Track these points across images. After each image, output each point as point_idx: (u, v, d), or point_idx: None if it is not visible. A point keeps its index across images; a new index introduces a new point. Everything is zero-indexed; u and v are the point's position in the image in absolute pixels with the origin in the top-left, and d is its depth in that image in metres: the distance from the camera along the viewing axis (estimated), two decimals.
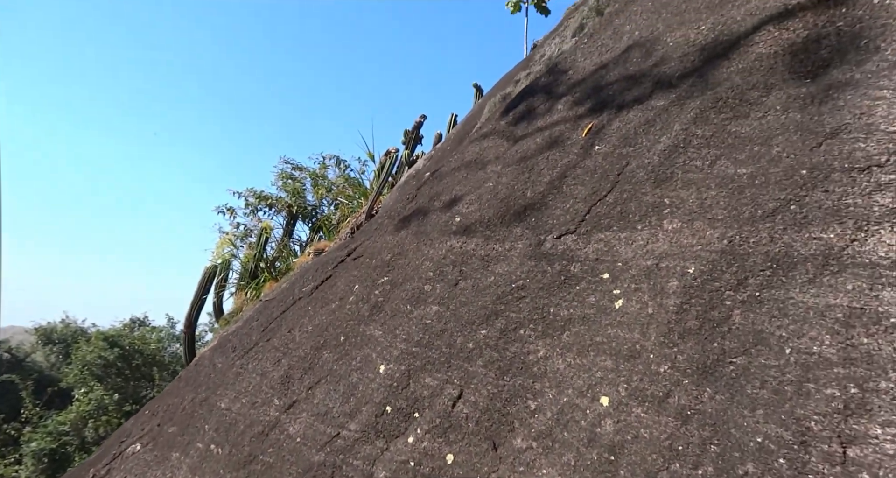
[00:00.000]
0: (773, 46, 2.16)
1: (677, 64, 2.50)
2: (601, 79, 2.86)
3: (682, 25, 2.63)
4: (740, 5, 2.41)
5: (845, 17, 2.02)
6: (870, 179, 1.60)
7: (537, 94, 3.23)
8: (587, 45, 3.22)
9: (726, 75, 2.24)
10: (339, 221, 8.69)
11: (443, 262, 2.74)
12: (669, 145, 2.24)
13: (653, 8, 2.93)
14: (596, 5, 6.62)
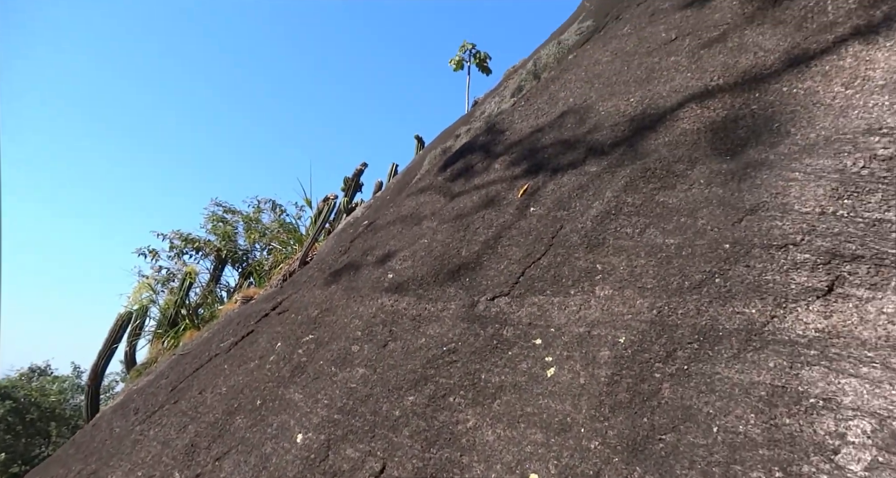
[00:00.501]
0: (696, 123, 2.27)
1: (609, 132, 2.58)
2: (537, 141, 2.92)
3: (613, 96, 2.75)
4: (665, 82, 2.55)
5: (759, 100, 2.16)
6: (787, 256, 1.65)
7: (476, 151, 3.26)
8: (524, 107, 3.31)
9: (654, 147, 2.33)
10: (272, 268, 8.35)
11: (373, 321, 2.61)
12: (602, 211, 2.26)
13: (586, 77, 3.06)
14: (534, 70, 6.94)
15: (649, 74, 2.67)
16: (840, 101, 1.89)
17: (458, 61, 8.88)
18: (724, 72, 2.34)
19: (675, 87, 2.48)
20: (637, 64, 2.79)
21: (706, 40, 2.53)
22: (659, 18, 2.96)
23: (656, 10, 3.07)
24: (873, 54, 1.92)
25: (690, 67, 2.49)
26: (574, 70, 3.26)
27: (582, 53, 3.44)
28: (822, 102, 1.95)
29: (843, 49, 2.03)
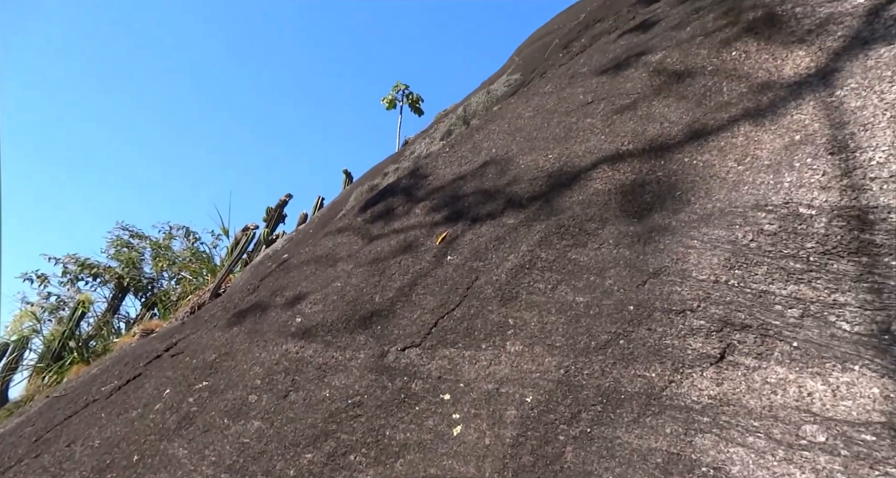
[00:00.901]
0: (607, 184, 2.36)
1: (527, 186, 2.64)
2: (459, 189, 2.93)
3: (533, 151, 2.83)
4: (581, 142, 2.66)
5: (664, 168, 2.29)
6: (684, 322, 1.71)
7: (398, 194, 3.22)
8: (449, 154, 3.34)
9: (569, 204, 2.39)
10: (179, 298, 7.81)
11: (275, 368, 2.44)
12: (516, 265, 2.28)
13: (509, 130, 3.15)
14: (463, 115, 7.11)
15: (567, 133, 2.77)
16: (733, 175, 2.04)
17: (391, 100, 9.00)
18: (634, 138, 2.47)
19: (590, 148, 2.59)
20: (556, 122, 2.90)
21: (619, 106, 2.68)
22: (578, 81, 3.12)
23: (576, 74, 3.24)
24: (761, 135, 2.10)
25: (604, 131, 2.62)
26: (498, 122, 3.34)
27: (507, 106, 3.55)
28: (717, 175, 2.10)
29: (736, 128, 2.20)
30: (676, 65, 2.64)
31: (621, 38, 3.29)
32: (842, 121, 1.90)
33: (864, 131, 1.81)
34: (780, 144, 2.03)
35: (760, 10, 2.56)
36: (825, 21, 2.28)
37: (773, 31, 2.44)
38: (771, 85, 2.26)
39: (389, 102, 8.89)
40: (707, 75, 2.49)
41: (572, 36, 6.74)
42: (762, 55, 2.39)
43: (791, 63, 2.27)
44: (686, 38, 2.76)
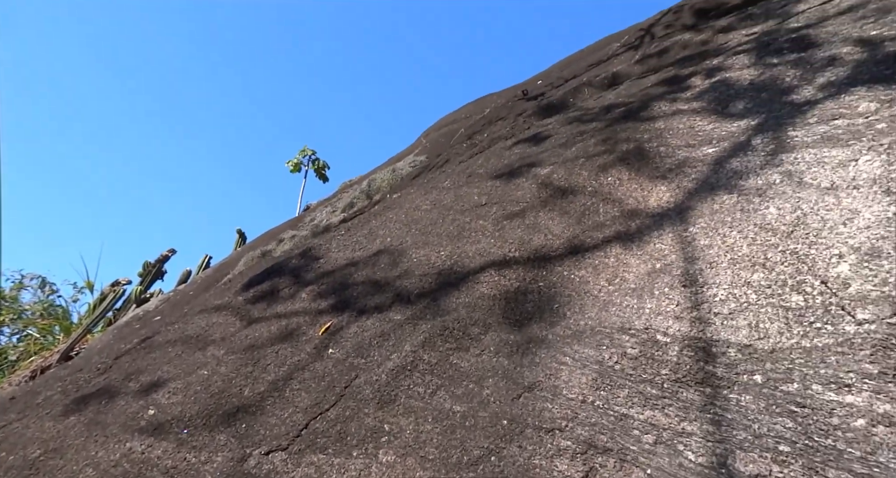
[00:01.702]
0: (493, 289, 2.45)
1: (417, 282, 2.66)
2: (350, 276, 2.89)
3: (427, 245, 2.89)
4: (473, 242, 2.76)
5: (545, 279, 2.42)
6: (553, 441, 1.75)
7: (286, 274, 3.10)
8: (344, 237, 3.31)
9: (455, 305, 2.43)
10: (20, 359, 6.76)
11: (112, 471, 2.12)
12: (398, 365, 2.23)
13: (406, 220, 3.21)
14: (367, 190, 7.18)
15: (460, 232, 2.88)
16: (604, 295, 2.20)
17: (296, 164, 8.91)
18: (521, 245, 2.61)
19: (480, 249, 2.69)
20: (451, 219, 3.01)
21: (509, 212, 2.85)
22: (475, 181, 3.29)
23: (473, 173, 3.42)
24: (629, 259, 2.31)
25: (494, 234, 2.75)
26: (396, 210, 3.40)
27: (406, 195, 3.64)
28: (591, 293, 2.26)
29: (609, 248, 2.41)
30: (562, 181, 2.89)
31: (516, 146, 3.57)
32: (694, 256, 2.15)
33: (710, 268, 2.06)
34: (644, 270, 2.24)
35: (633, 143, 2.92)
36: (682, 163, 2.64)
37: (642, 163, 2.77)
38: (639, 213, 2.53)
39: (294, 166, 8.79)
40: (587, 195, 2.74)
41: (476, 128, 7.20)
42: (632, 184, 2.69)
43: (655, 195, 2.57)
44: (571, 157, 3.05)
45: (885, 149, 2.06)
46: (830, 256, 1.84)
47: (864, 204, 1.93)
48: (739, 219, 2.19)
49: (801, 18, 3.35)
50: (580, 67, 7.37)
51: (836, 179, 2.09)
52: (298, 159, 9.01)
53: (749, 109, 2.76)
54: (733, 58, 3.30)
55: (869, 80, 2.45)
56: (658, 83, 3.52)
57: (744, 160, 2.46)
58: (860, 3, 3.08)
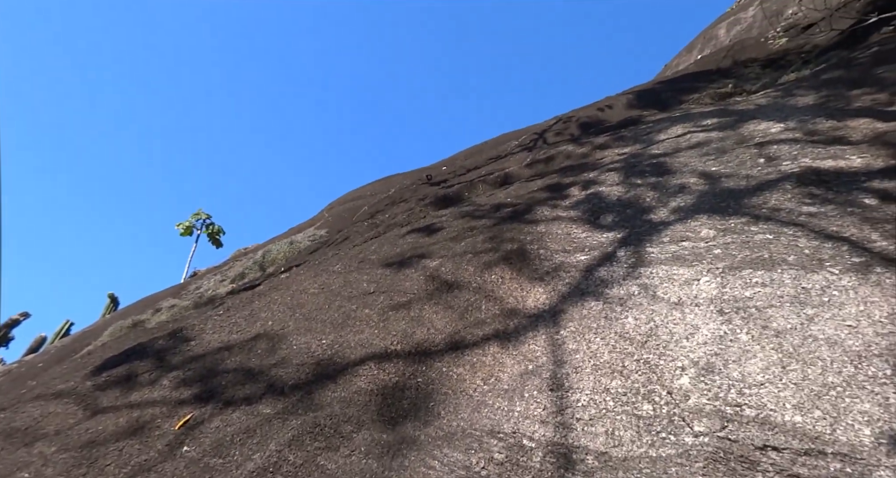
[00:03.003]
0: (371, 383, 2.40)
1: (294, 372, 2.54)
2: (221, 362, 2.70)
3: (309, 332, 2.80)
4: (356, 332, 2.72)
5: (424, 374, 2.42)
6: None
7: (149, 357, 2.83)
8: (222, 317, 3.13)
9: (330, 400, 2.34)
10: None
11: None
12: (260, 467, 2.07)
13: (291, 304, 3.11)
14: (261, 261, 6.92)
15: (345, 320, 2.83)
16: (478, 395, 2.24)
17: (188, 227, 8.38)
18: (403, 338, 2.62)
19: (363, 340, 2.66)
20: (338, 306, 2.97)
21: (396, 303, 2.87)
22: (365, 268, 3.31)
23: (365, 259, 3.45)
24: (505, 359, 2.39)
25: (379, 325, 2.74)
26: (283, 291, 3.30)
27: (295, 276, 3.56)
28: (466, 392, 2.28)
29: (487, 346, 2.49)
30: (449, 275, 2.99)
31: (410, 234, 3.67)
32: (562, 359, 2.28)
33: (576, 373, 2.18)
34: (517, 371, 2.32)
35: (516, 244, 3.12)
36: (559, 267, 2.85)
37: (523, 264, 2.95)
38: (517, 312, 2.66)
39: (186, 229, 8.23)
40: (471, 291, 2.85)
41: (380, 207, 7.34)
42: (514, 284, 2.84)
43: (533, 296, 2.73)
44: (460, 252, 3.18)
45: (720, 272, 2.38)
46: (675, 368, 2.03)
47: (703, 321, 2.18)
48: (603, 326, 2.37)
49: (660, 146, 3.89)
50: (481, 159, 7.90)
51: (682, 296, 2.36)
52: (191, 222, 8.44)
53: (616, 223, 3.09)
54: (606, 173, 3.72)
55: (709, 209, 2.86)
56: (543, 188, 3.85)
57: (610, 270, 2.70)
58: (705, 142, 3.66)
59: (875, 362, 1.73)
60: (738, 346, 2.00)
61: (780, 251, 2.36)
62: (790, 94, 4.24)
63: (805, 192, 2.68)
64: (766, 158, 3.14)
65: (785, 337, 1.96)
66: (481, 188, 4.57)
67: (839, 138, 3.05)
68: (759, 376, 1.85)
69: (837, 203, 2.52)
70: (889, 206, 2.39)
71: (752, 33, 11.89)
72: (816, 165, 2.85)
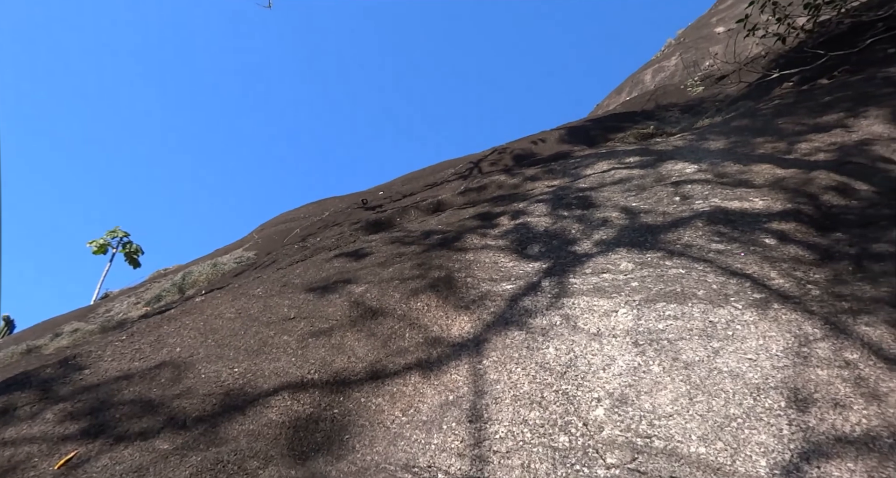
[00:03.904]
0: (283, 415, 2.26)
1: (199, 403, 2.36)
2: (117, 392, 2.47)
3: (221, 360, 2.62)
4: (272, 360, 2.58)
5: (341, 405, 2.32)
6: None
7: (32, 387, 2.55)
8: (124, 343, 2.88)
9: (236, 433, 2.18)
10: None
11: None
12: None
13: (203, 329, 2.92)
14: (181, 282, 6.54)
15: (261, 347, 2.68)
16: (396, 427, 2.16)
17: (103, 245, 7.73)
18: (322, 367, 2.51)
19: (279, 369, 2.52)
20: (254, 332, 2.81)
21: (317, 330, 2.75)
22: (288, 292, 3.17)
23: (288, 283, 3.31)
24: (426, 389, 2.33)
25: (297, 353, 2.61)
26: (196, 315, 3.09)
27: (211, 300, 3.36)
28: (384, 423, 2.20)
29: (409, 375, 2.42)
30: (373, 301, 2.92)
31: (338, 258, 3.57)
32: (483, 390, 2.25)
33: (495, 404, 2.15)
34: (438, 401, 2.27)
35: (444, 271, 3.10)
36: (484, 296, 2.85)
37: (450, 292, 2.93)
38: (441, 341, 2.62)
39: (100, 247, 7.57)
40: (396, 318, 2.79)
41: (312, 230, 7.15)
42: (439, 311, 2.81)
43: (458, 325, 2.70)
44: (387, 278, 3.12)
45: (636, 305, 2.45)
46: (591, 400, 2.05)
47: (619, 352, 2.23)
48: (525, 356, 2.37)
49: (587, 181, 4.05)
50: (418, 186, 7.92)
51: (601, 327, 2.41)
52: (106, 240, 7.76)
53: (542, 253, 3.15)
54: (535, 204, 3.80)
55: (629, 243, 2.97)
56: (474, 216, 3.89)
57: (534, 299, 2.73)
58: (627, 178, 3.84)
59: (771, 394, 1.82)
60: (650, 377, 2.06)
61: (691, 286, 2.48)
62: (704, 138, 4.55)
63: (714, 230, 2.84)
64: (681, 197, 3.33)
65: (693, 369, 2.03)
66: (414, 214, 4.55)
67: (744, 181, 3.29)
68: (669, 408, 1.90)
69: (742, 242, 2.69)
70: (786, 246, 2.58)
71: (673, 80, 12.82)
72: (724, 206, 3.04)
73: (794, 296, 2.25)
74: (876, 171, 2.98)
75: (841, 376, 1.80)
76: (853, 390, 1.74)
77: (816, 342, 1.97)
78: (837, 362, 1.86)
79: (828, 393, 1.75)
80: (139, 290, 7.36)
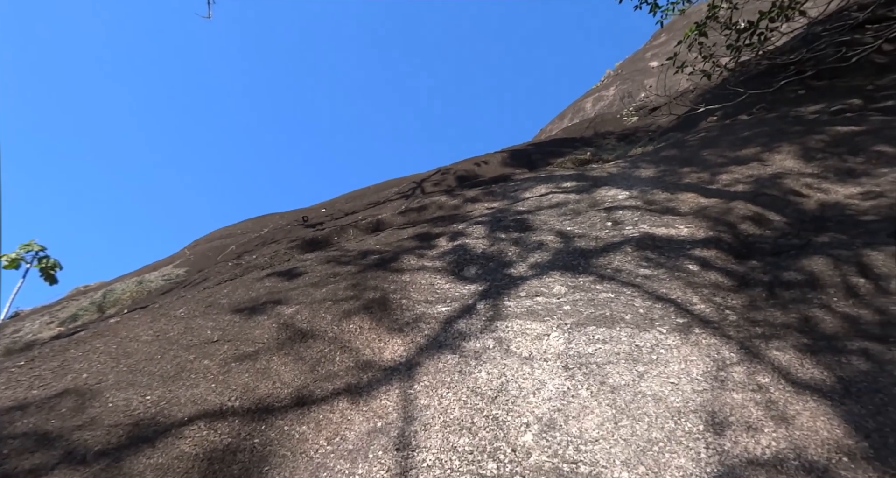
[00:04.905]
0: (197, 447, 2.11)
1: (103, 434, 2.17)
2: (8, 425, 2.23)
3: (132, 387, 2.43)
4: (190, 387, 2.42)
5: (263, 434, 2.19)
6: None
7: None
8: (22, 370, 2.63)
9: (143, 468, 2.01)
10: None
11: None
12: None
13: (116, 353, 2.71)
14: (101, 301, 6.12)
15: (179, 372, 2.51)
16: (319, 457, 2.06)
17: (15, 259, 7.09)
18: (244, 394, 2.37)
19: (196, 396, 2.36)
20: (172, 356, 2.63)
21: (241, 353, 2.61)
22: (213, 313, 3.01)
23: (214, 303, 3.14)
24: (354, 415, 2.25)
25: (217, 378, 2.46)
26: (109, 338, 2.87)
27: (129, 320, 3.13)
28: (307, 453, 2.09)
29: (336, 402, 2.33)
30: (304, 323, 2.81)
31: (269, 278, 3.44)
32: (412, 416, 2.19)
33: (424, 431, 2.10)
34: (365, 428, 2.18)
35: (379, 292, 3.04)
36: (419, 318, 2.81)
37: (384, 314, 2.87)
38: (372, 365, 2.54)
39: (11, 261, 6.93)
40: (327, 341, 2.69)
41: (249, 247, 6.90)
42: (372, 334, 2.74)
43: (391, 348, 2.64)
44: (319, 299, 3.02)
45: (568, 328, 2.48)
46: (521, 425, 2.03)
47: (550, 376, 2.23)
48: (457, 380, 2.34)
49: (525, 204, 4.11)
50: (361, 204, 7.83)
51: (533, 351, 2.41)
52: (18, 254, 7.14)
53: (479, 275, 3.15)
54: (474, 226, 3.82)
55: (563, 266, 3.02)
56: (413, 237, 3.85)
57: (469, 322, 2.71)
58: (563, 202, 3.93)
59: (691, 418, 1.86)
60: (578, 402, 2.07)
61: (619, 310, 2.53)
62: (636, 166, 4.75)
63: (642, 255, 2.94)
64: (612, 222, 3.43)
65: (619, 393, 2.06)
66: (352, 233, 4.47)
67: (671, 209, 3.43)
68: (595, 432, 1.91)
69: (667, 267, 2.79)
70: (707, 272, 2.69)
71: (612, 109, 13.44)
72: (652, 232, 3.16)
73: (713, 321, 2.34)
74: (787, 203, 3.19)
75: (754, 399, 1.87)
76: (764, 413, 1.81)
77: (733, 366, 2.05)
78: (751, 386, 1.94)
79: (742, 416, 1.82)
80: (54, 308, 6.84)
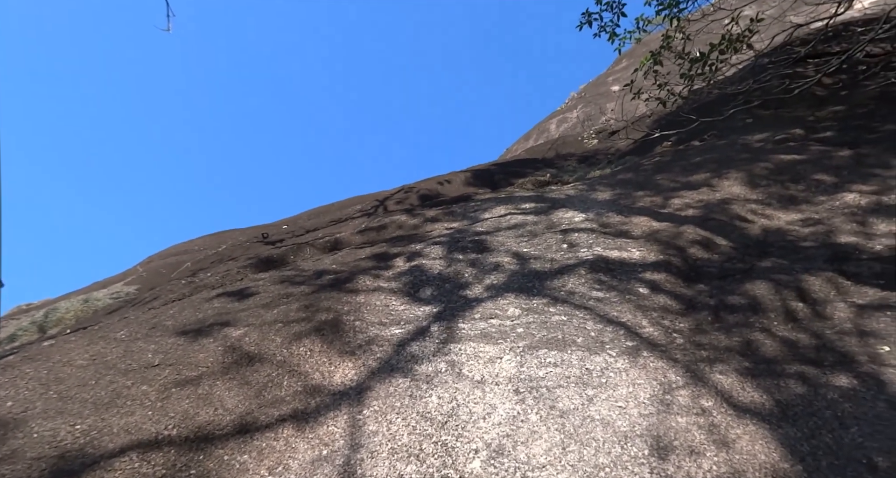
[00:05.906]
0: None
1: (24, 468, 2.02)
2: None
3: (61, 415, 2.29)
4: (125, 414, 2.29)
5: (200, 465, 2.08)
6: None
7: None
8: None
9: None
10: None
11: None
12: None
13: (47, 378, 2.55)
14: (42, 320, 5.81)
15: (114, 399, 2.38)
16: None
17: None
18: (183, 421, 2.26)
19: (131, 424, 2.24)
20: (108, 381, 2.50)
21: (183, 378, 2.50)
22: (156, 335, 2.88)
23: (158, 325, 3.01)
24: (298, 443, 2.17)
25: (155, 405, 2.34)
26: (41, 362, 2.71)
27: (64, 343, 2.97)
28: None
29: (281, 429, 2.24)
30: (252, 346, 2.71)
31: (219, 298, 3.32)
32: (360, 443, 2.13)
33: (371, 458, 2.04)
34: (310, 457, 2.11)
35: (332, 313, 2.97)
36: (372, 341, 2.75)
37: (335, 336, 2.80)
38: (321, 389, 2.47)
39: None
40: (274, 365, 2.60)
41: (205, 264, 6.69)
42: (322, 357, 2.66)
43: (341, 372, 2.57)
44: (269, 321, 2.94)
45: (520, 351, 2.47)
46: (469, 451, 2.00)
47: (500, 400, 2.21)
48: (407, 405, 2.29)
49: (484, 225, 4.13)
50: (323, 221, 7.72)
51: (485, 374, 2.39)
52: None
53: (434, 297, 3.12)
54: (432, 247, 3.80)
55: (518, 288, 3.02)
56: (370, 257, 3.81)
57: (422, 345, 2.67)
58: (521, 224, 3.96)
59: (637, 442, 1.87)
60: (527, 427, 2.05)
61: (571, 333, 2.54)
62: (594, 188, 4.85)
63: (595, 278, 2.98)
64: (568, 244, 3.47)
65: (568, 417, 2.05)
66: (309, 252, 4.38)
67: (624, 232, 3.50)
68: (543, 458, 1.89)
69: (619, 290, 2.83)
70: (657, 296, 2.74)
71: (575, 131, 13.74)
72: (606, 255, 3.21)
73: (661, 344, 2.37)
74: (733, 228, 3.29)
75: (697, 423, 1.89)
76: (707, 437, 1.83)
77: (678, 390, 2.07)
78: (695, 410, 1.96)
79: (685, 440, 1.83)
80: None
